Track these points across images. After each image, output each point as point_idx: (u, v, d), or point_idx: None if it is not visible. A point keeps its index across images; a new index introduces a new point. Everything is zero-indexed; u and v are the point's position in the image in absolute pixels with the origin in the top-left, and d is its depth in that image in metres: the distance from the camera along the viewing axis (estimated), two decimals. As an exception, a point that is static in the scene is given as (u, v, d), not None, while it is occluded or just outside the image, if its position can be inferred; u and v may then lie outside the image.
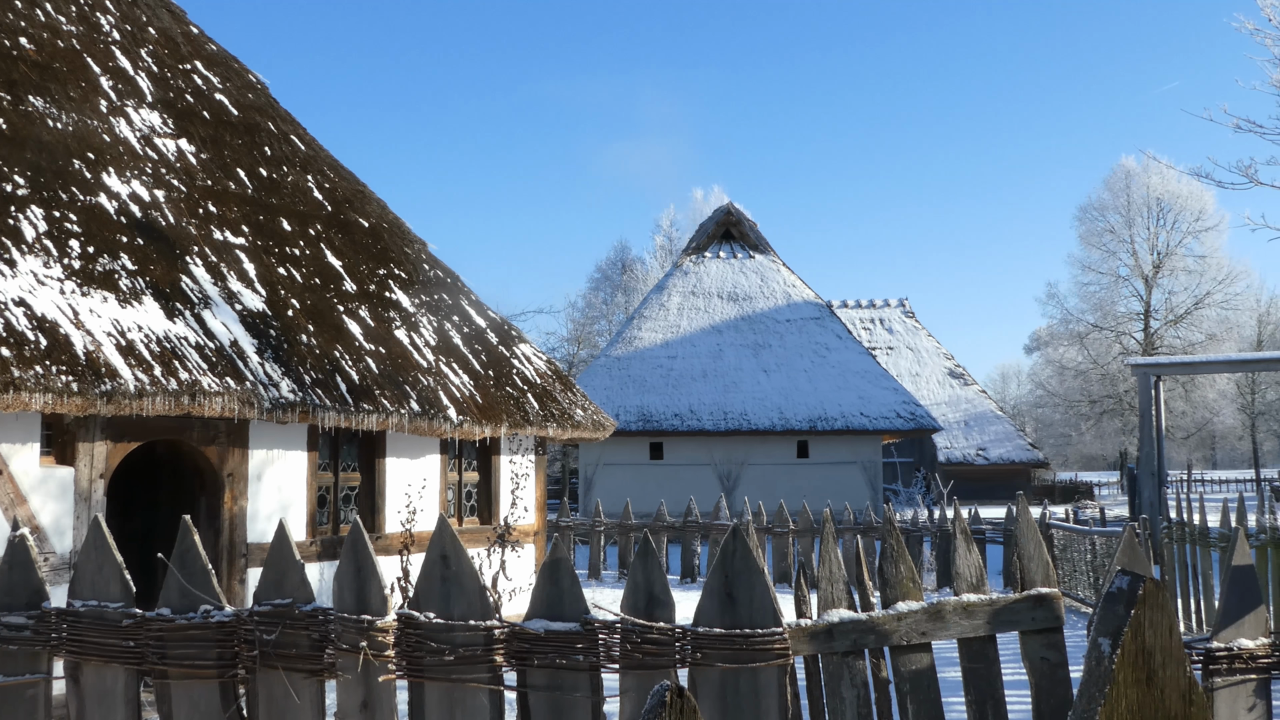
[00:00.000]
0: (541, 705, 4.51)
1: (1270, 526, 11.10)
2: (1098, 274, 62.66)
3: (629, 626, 4.51)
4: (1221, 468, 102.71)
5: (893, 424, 33.04)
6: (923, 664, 4.85)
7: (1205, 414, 64.46)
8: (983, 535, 21.32)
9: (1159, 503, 20.49)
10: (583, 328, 64.08)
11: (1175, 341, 60.69)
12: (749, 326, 36.27)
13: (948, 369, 57.79)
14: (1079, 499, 54.86)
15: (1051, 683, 4.86)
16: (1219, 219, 60.45)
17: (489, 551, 12.39)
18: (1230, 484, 70.21)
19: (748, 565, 4.55)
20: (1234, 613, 4.40)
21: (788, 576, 19.31)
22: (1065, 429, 72.09)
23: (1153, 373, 22.56)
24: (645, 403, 33.58)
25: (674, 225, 71.79)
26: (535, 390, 14.35)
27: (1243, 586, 4.41)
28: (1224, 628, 4.39)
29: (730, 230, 39.68)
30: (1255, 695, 4.36)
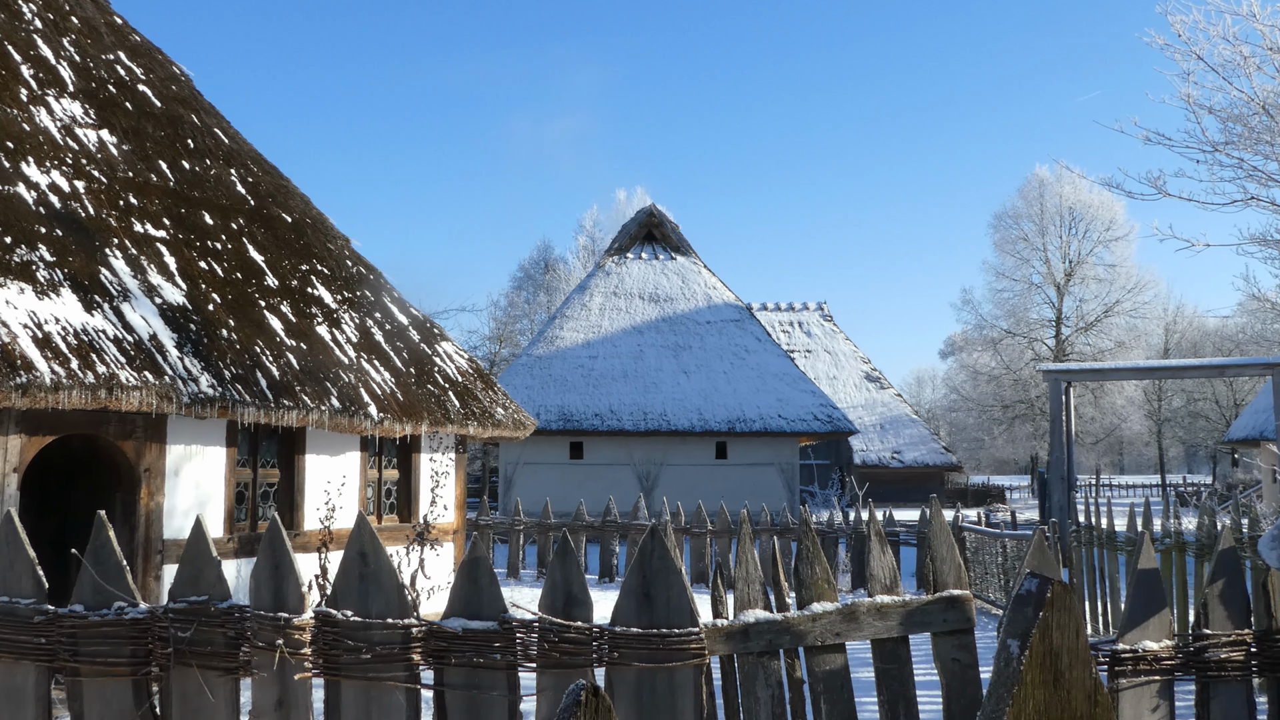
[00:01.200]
0: (458, 704, 4.51)
1: (1175, 531, 11.35)
2: (1011, 281, 63.78)
3: (547, 626, 4.53)
4: (1129, 473, 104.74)
5: (810, 426, 33.34)
6: (837, 664, 4.90)
7: (1114, 420, 65.87)
8: (897, 537, 21.59)
9: (1068, 507, 20.95)
10: (505, 326, 63.87)
11: (1085, 348, 61.93)
12: (670, 328, 36.39)
13: (864, 372, 58.43)
14: (991, 502, 55.81)
15: (962, 683, 4.92)
16: (1129, 229, 61.81)
17: (408, 549, 12.37)
18: (1137, 489, 71.70)
19: (665, 565, 4.60)
20: (1139, 615, 4.51)
21: (705, 577, 19.43)
22: (978, 433, 73.19)
23: (1063, 379, 23.07)
24: (566, 402, 33.55)
25: (597, 226, 71.91)
26: (457, 388, 14.33)
27: (1148, 589, 4.52)
28: (1129, 630, 4.49)
29: (653, 232, 39.78)
30: (1159, 696, 4.45)
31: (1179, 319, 71.69)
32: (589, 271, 41.13)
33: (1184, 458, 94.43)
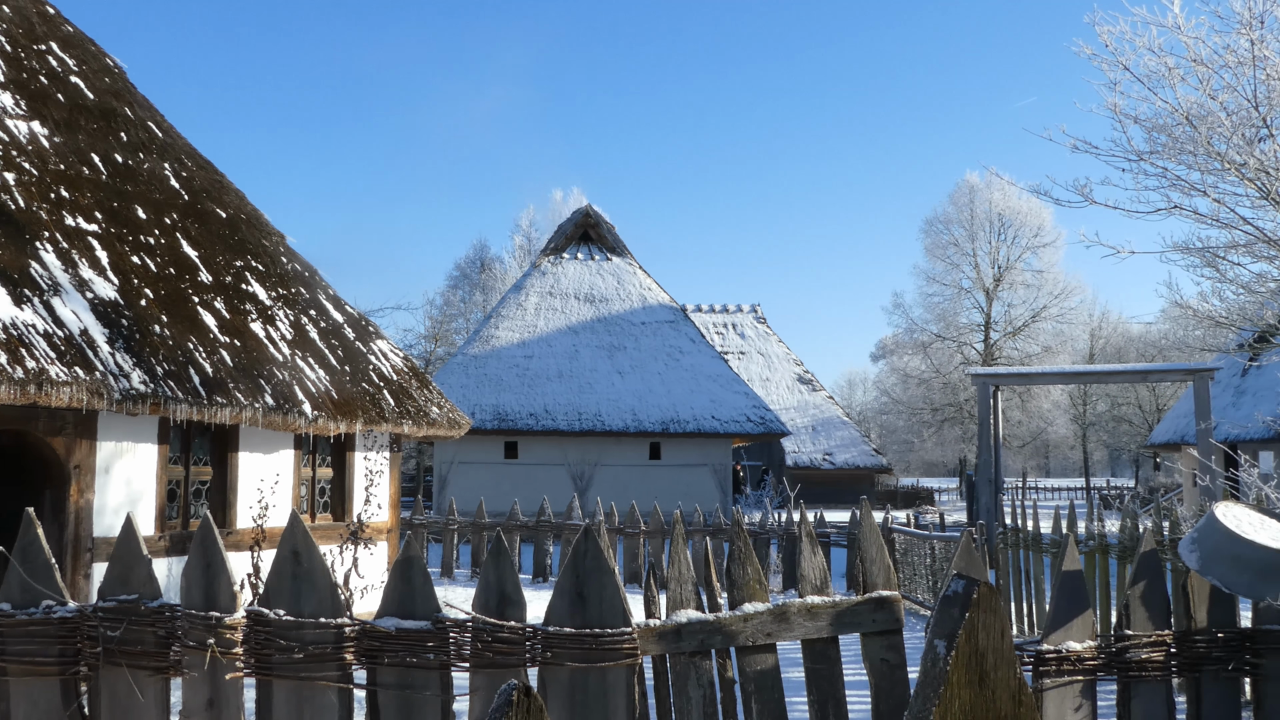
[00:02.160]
0: (391, 703, 4.49)
1: (1098, 534, 11.55)
2: (941, 285, 64.63)
3: (480, 625, 4.52)
4: (1055, 476, 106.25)
5: (743, 428, 33.54)
6: (767, 664, 4.92)
7: (1040, 423, 66.93)
8: (827, 538, 21.77)
9: (995, 509, 21.25)
10: (441, 325, 63.55)
11: (1013, 353, 62.89)
12: (605, 328, 36.43)
13: (797, 375, 58.83)
14: (920, 504, 56.44)
15: (890, 683, 4.96)
16: (1056, 235, 62.91)
17: (342, 548, 12.31)
18: (1062, 492, 72.73)
19: (599, 565, 4.61)
20: (1063, 616, 4.57)
21: (638, 577, 19.49)
22: (908, 435, 74.03)
23: (991, 383, 23.40)
24: (501, 402, 33.48)
25: (533, 225, 71.84)
26: (392, 387, 14.28)
27: (1072, 591, 4.59)
28: (1054, 630, 4.55)
29: (589, 232, 39.80)
30: (1082, 696, 4.52)
31: (1104, 325, 72.97)
32: (525, 271, 41.08)
33: (1108, 461, 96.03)
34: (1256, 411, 26.88)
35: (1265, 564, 4.45)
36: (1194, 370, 21.98)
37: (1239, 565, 4.48)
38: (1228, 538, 4.50)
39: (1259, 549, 4.44)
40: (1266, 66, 7.17)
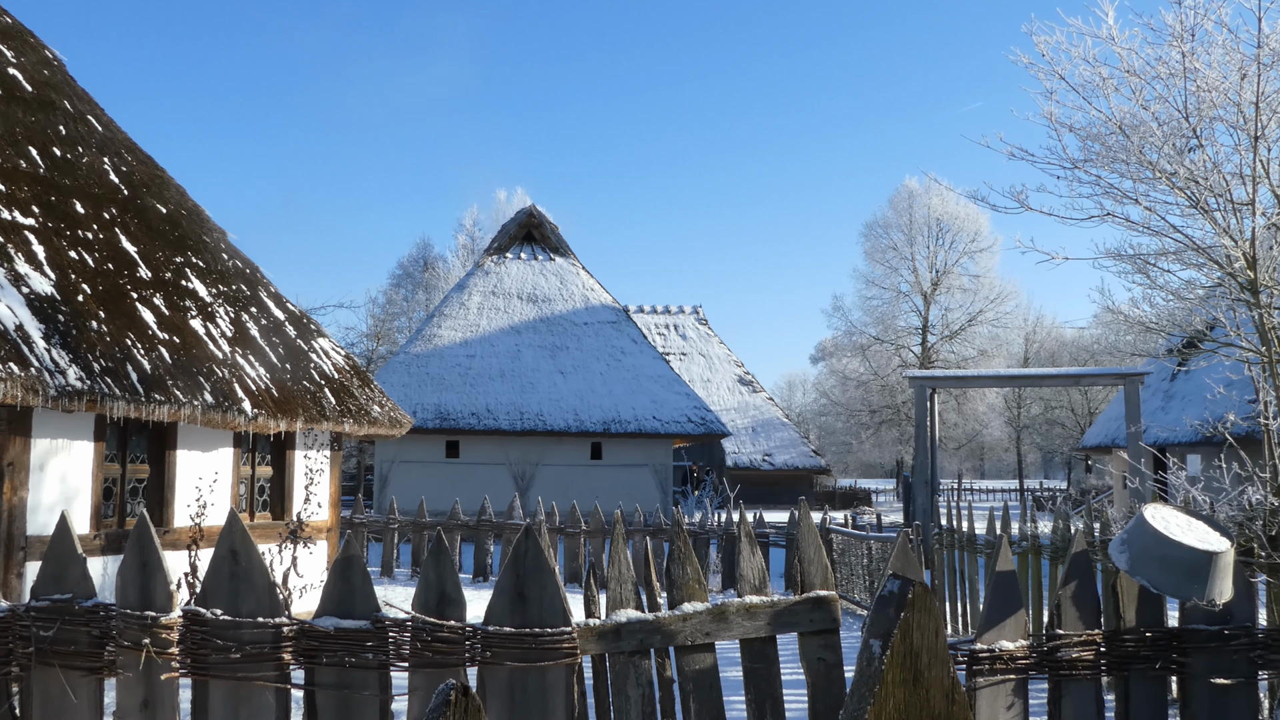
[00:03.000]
0: (329, 703, 4.46)
1: (1031, 535, 11.72)
2: (880, 289, 65.28)
3: (420, 625, 4.51)
4: (989, 478, 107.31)
5: (684, 428, 33.65)
6: (706, 664, 4.95)
7: (976, 426, 67.76)
8: (766, 539, 21.88)
9: (931, 510, 21.51)
10: (383, 324, 63.16)
11: (950, 356, 63.60)
12: (547, 328, 36.41)
13: (738, 376, 59.08)
14: (858, 505, 56.81)
15: (827, 682, 5.00)
16: (993, 241, 63.76)
17: (281, 547, 12.24)
18: (997, 493, 73.45)
19: (539, 565, 4.61)
20: (996, 616, 4.62)
21: (579, 576, 19.51)
22: (846, 437, 74.61)
23: (928, 385, 23.71)
24: (443, 401, 33.37)
25: (477, 225, 71.66)
26: (333, 385, 14.22)
27: (1005, 591, 4.64)
28: (987, 630, 4.60)
29: (532, 232, 39.75)
30: (1014, 694, 4.57)
31: (1038, 329, 73.94)
32: (468, 271, 40.94)
33: (1041, 463, 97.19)
34: (1185, 415, 27.36)
35: (1192, 565, 4.53)
36: (1125, 375, 22.41)
37: (1167, 566, 4.54)
38: (1156, 539, 4.57)
39: (1186, 550, 4.53)
40: (1196, 78, 7.33)
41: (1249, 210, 7.25)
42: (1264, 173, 7.27)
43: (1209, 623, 4.73)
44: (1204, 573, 4.52)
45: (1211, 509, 7.97)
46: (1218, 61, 7.37)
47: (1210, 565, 4.53)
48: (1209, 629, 4.71)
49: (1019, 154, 8.12)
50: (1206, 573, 4.52)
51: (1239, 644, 4.69)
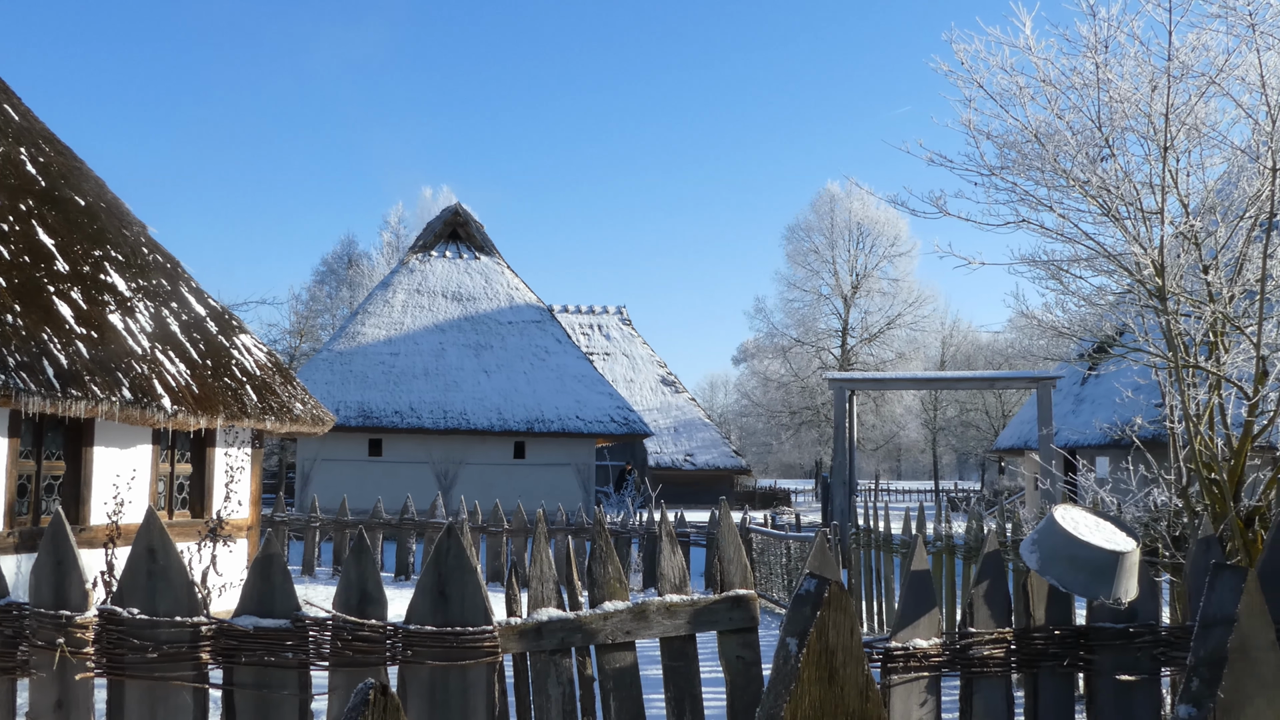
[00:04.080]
0: (248, 704, 4.41)
1: (946, 535, 11.89)
2: (802, 291, 65.88)
3: (340, 624, 4.46)
4: (906, 478, 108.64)
5: (607, 428, 33.71)
6: (626, 662, 4.96)
7: (893, 427, 68.64)
8: (687, 538, 21.99)
9: (849, 510, 21.79)
10: (306, 321, 62.48)
11: (869, 358, 64.35)
12: (472, 327, 36.27)
13: (660, 376, 59.22)
14: (777, 505, 57.21)
15: (745, 680, 5.03)
16: (912, 245, 64.64)
17: (200, 546, 12.11)
18: (913, 494, 74.22)
19: (461, 564, 4.57)
20: (911, 614, 4.66)
21: (501, 575, 19.48)
22: (767, 438, 75.15)
23: (847, 387, 24.02)
24: (366, 399, 33.13)
25: (402, 222, 71.20)
26: (255, 382, 14.09)
27: (920, 590, 4.69)
28: (902, 628, 4.64)
29: (458, 230, 39.55)
30: (927, 691, 4.62)
31: (955, 333, 75.02)
32: (393, 268, 40.65)
33: (956, 465, 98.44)
34: (1094, 419, 27.97)
35: (1099, 564, 4.62)
36: (1037, 378, 22.87)
37: (1075, 565, 4.58)
38: (1065, 539, 4.64)
39: (1094, 550, 4.62)
40: (1109, 89, 7.50)
41: (1158, 219, 7.44)
42: (1172, 183, 7.47)
43: (1115, 621, 4.79)
44: (1110, 572, 4.58)
45: (1119, 510, 8.19)
46: (1130, 73, 7.55)
47: (1117, 565, 4.60)
48: (1115, 627, 4.78)
49: (938, 160, 8.22)
50: (1113, 572, 4.59)
51: (1143, 642, 4.76)
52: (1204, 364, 7.33)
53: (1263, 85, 6.95)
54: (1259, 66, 6.97)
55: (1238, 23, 7.08)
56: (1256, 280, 7.26)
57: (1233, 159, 7.73)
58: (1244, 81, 7.25)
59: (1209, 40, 7.31)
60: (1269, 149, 6.97)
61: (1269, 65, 6.99)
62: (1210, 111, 7.53)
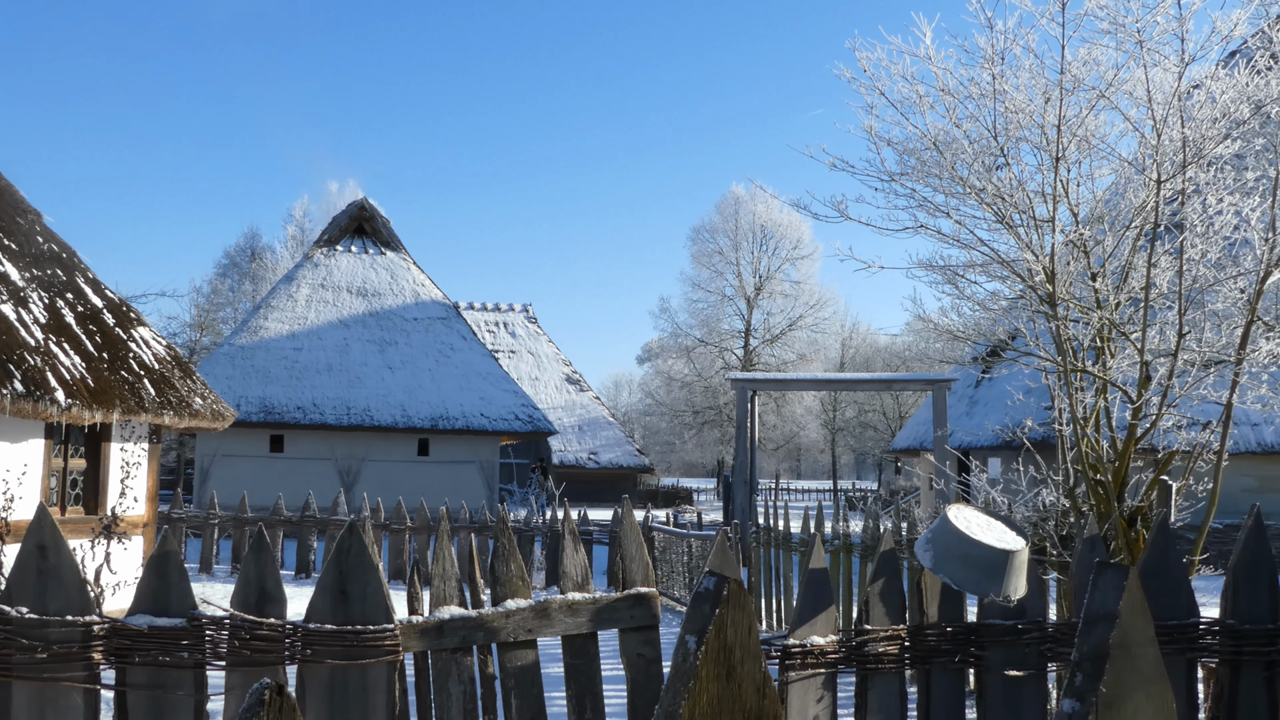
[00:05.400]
0: (141, 704, 4.34)
1: (843, 534, 12.05)
2: (706, 292, 66.41)
3: (238, 623, 4.42)
4: (805, 478, 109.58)
5: (511, 426, 33.63)
6: (528, 660, 4.98)
7: (794, 428, 69.43)
8: (590, 536, 22.04)
9: (750, 509, 21.97)
10: (207, 314, 61.35)
11: (771, 359, 65.04)
12: (377, 323, 35.95)
13: (566, 375, 59.21)
14: (680, 504, 57.54)
15: (646, 678, 5.07)
16: (814, 248, 65.58)
17: (94, 543, 11.87)
18: (812, 493, 75.03)
19: (363, 562, 4.54)
20: (808, 612, 4.70)
21: (403, 573, 19.36)
22: (670, 437, 75.54)
23: (749, 387, 24.24)
24: (268, 394, 32.66)
25: (307, 216, 70.31)
26: (153, 376, 13.86)
27: (817, 588, 4.74)
28: (800, 626, 4.67)
29: (363, 226, 39.15)
30: (824, 688, 4.66)
31: (855, 335, 76.05)
32: (297, 262, 40.09)
33: (854, 465, 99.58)
34: (987, 421, 28.53)
35: (990, 563, 4.71)
36: (933, 381, 23.30)
37: (968, 564, 4.63)
38: (958, 538, 4.69)
39: (985, 549, 4.71)
40: (1005, 100, 7.67)
41: (1049, 227, 7.64)
42: (1064, 192, 7.66)
43: (1004, 618, 4.87)
44: (1001, 570, 4.64)
45: (1009, 510, 8.40)
46: (1025, 85, 7.73)
47: (1007, 563, 4.65)
48: (1004, 624, 4.86)
49: (840, 165, 8.32)
50: (1003, 570, 4.64)
51: (1031, 638, 4.84)
52: (1091, 368, 7.55)
53: (1149, 100, 7.18)
54: (1146, 82, 7.20)
55: (1127, 39, 7.30)
56: (1141, 288, 7.49)
57: (1120, 170, 7.97)
58: (1132, 96, 7.48)
59: (1100, 55, 7.52)
60: (1154, 162, 7.20)
61: (1155, 81, 7.22)
62: (1100, 124, 7.75)
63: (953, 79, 7.97)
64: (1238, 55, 9.98)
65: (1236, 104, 7.30)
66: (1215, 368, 7.60)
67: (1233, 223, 7.41)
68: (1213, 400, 7.73)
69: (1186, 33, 7.15)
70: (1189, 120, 7.21)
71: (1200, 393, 7.60)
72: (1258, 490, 25.30)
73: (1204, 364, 7.50)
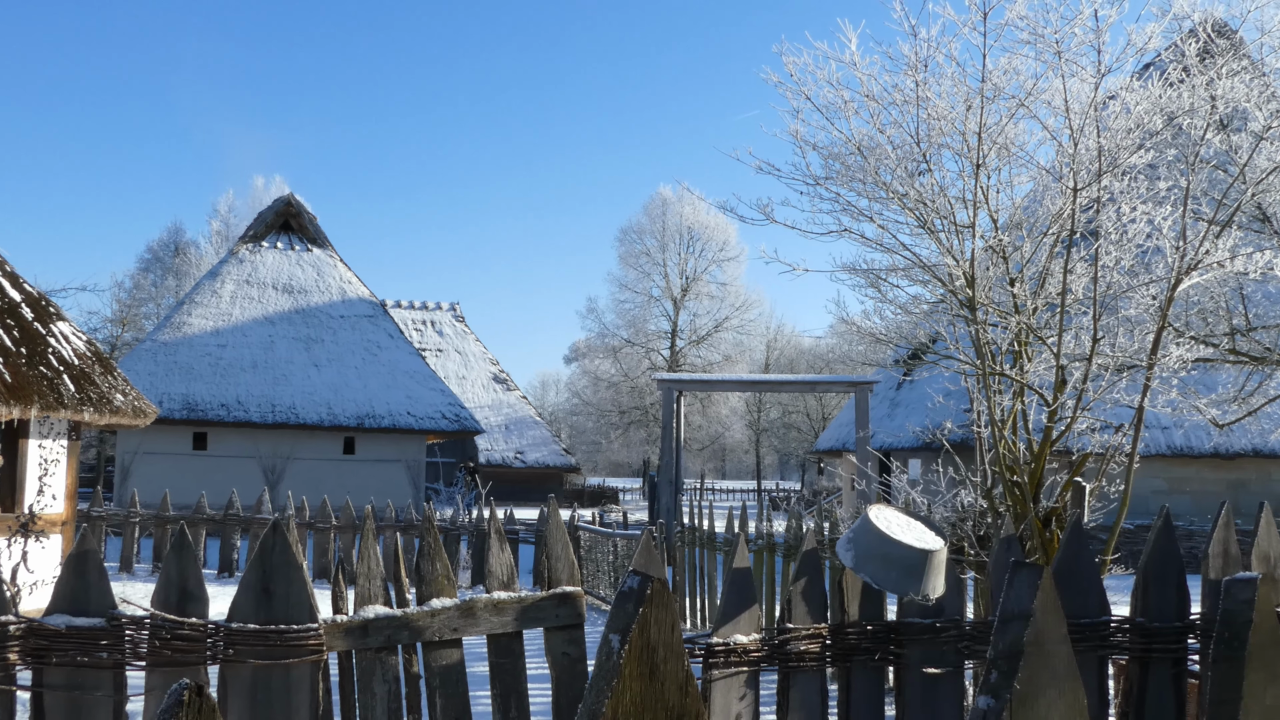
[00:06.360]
0: (58, 706, 4.28)
1: (767, 533, 12.15)
2: (633, 293, 66.68)
3: (159, 622, 4.36)
4: (730, 478, 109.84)
5: (438, 424, 33.48)
6: (453, 659, 4.96)
7: (719, 428, 69.79)
8: (516, 535, 21.98)
9: (675, 508, 22.11)
10: (129, 309, 60.31)
11: (697, 360, 65.40)
12: (303, 320, 35.60)
13: (493, 374, 59.00)
14: (606, 503, 57.54)
15: (571, 676, 5.08)
16: (740, 250, 66.13)
17: (10, 541, 11.71)
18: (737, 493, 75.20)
19: (286, 560, 4.49)
20: (732, 611, 4.71)
21: (328, 572, 19.22)
22: (597, 436, 75.55)
23: (675, 388, 24.40)
24: (191, 391, 32.22)
25: (232, 211, 69.40)
26: (73, 371, 13.64)
27: (741, 587, 4.75)
28: (723, 624, 4.69)
29: (290, 222, 38.73)
30: (746, 686, 4.68)
31: (779, 337, 76.55)
32: (222, 258, 39.55)
33: (778, 465, 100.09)
34: (908, 422, 28.87)
35: (909, 562, 4.77)
36: (856, 383, 23.62)
37: (888, 563, 4.68)
38: (879, 538, 4.72)
39: (904, 549, 4.77)
40: (928, 107, 7.79)
41: (970, 232, 7.77)
42: (984, 198, 7.80)
43: (923, 616, 4.92)
44: (920, 570, 4.71)
45: (929, 510, 8.54)
46: (947, 92, 7.85)
47: (926, 563, 4.70)
48: (923, 622, 4.91)
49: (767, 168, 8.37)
50: (922, 570, 4.71)
51: (949, 636, 4.91)
52: (1009, 372, 7.69)
53: (1067, 110, 7.35)
54: (1064, 92, 7.37)
55: (1046, 50, 7.47)
56: (1058, 294, 7.66)
57: (1039, 178, 8.14)
58: (1050, 105, 7.65)
59: (1020, 65, 7.69)
60: (1071, 170, 7.37)
61: (1073, 91, 7.40)
62: (1019, 132, 7.92)
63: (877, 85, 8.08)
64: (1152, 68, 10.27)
65: (1150, 115, 7.50)
66: (1128, 372, 7.78)
67: (1146, 231, 7.60)
68: (1125, 404, 7.94)
69: (1103, 45, 7.33)
70: (1105, 130, 7.39)
71: (1114, 396, 7.79)
72: (1168, 492, 25.91)
73: (1117, 369, 7.68)
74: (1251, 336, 11.29)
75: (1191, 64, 7.95)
